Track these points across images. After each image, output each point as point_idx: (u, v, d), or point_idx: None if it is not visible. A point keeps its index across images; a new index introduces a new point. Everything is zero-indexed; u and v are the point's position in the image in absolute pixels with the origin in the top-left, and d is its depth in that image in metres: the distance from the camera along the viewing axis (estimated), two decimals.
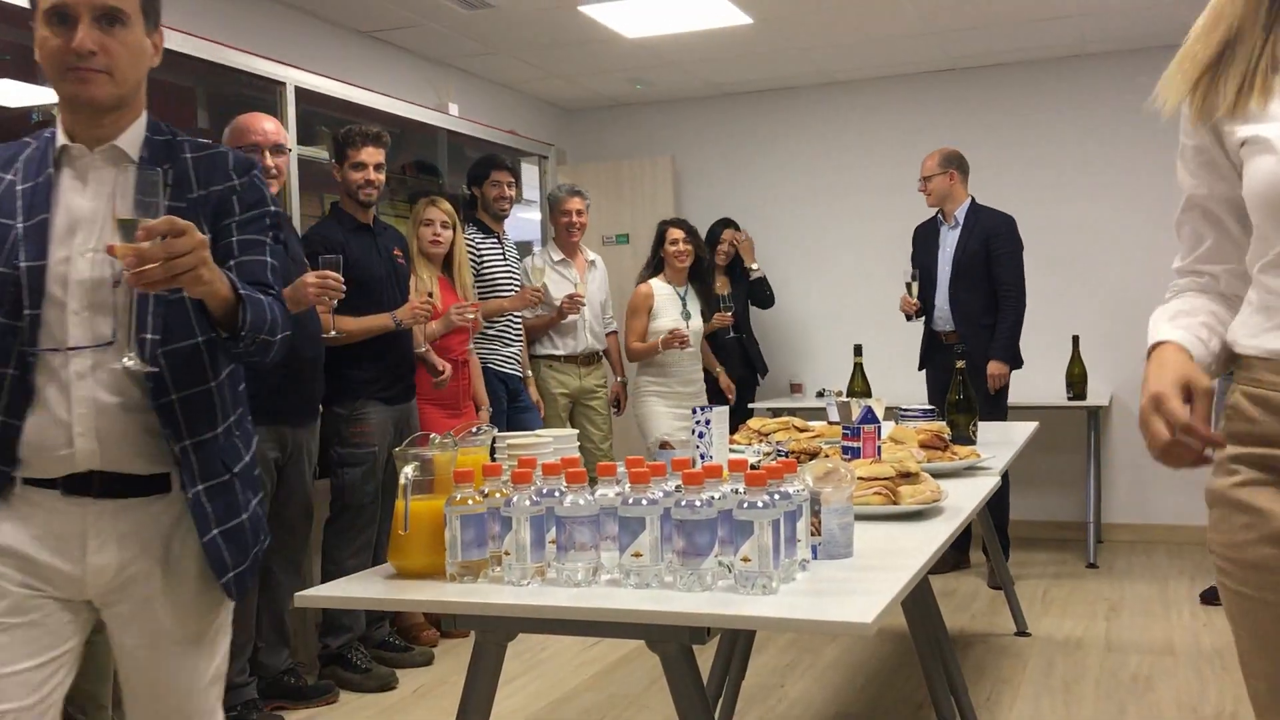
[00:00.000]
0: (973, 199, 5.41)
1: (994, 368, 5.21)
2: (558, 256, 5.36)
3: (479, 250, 4.92)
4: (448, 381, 4.32)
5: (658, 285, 5.26)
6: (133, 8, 1.74)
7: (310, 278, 3.42)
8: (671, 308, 5.22)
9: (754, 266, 6.29)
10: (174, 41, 3.90)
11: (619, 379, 5.64)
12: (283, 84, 4.44)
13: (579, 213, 5.36)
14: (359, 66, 5.33)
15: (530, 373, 5.18)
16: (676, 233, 5.28)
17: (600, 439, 5.34)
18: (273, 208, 1.87)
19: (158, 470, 1.76)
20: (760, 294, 6.31)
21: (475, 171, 5.09)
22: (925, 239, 5.52)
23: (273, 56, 4.48)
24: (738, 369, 6.05)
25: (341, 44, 5.29)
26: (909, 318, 5.47)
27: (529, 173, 6.51)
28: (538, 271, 4.97)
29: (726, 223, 6.23)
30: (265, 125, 3.66)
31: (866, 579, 1.77)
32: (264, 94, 4.42)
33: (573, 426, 5.31)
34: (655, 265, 5.34)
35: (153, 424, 1.74)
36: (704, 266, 5.38)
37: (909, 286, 5.32)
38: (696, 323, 5.26)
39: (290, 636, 3.84)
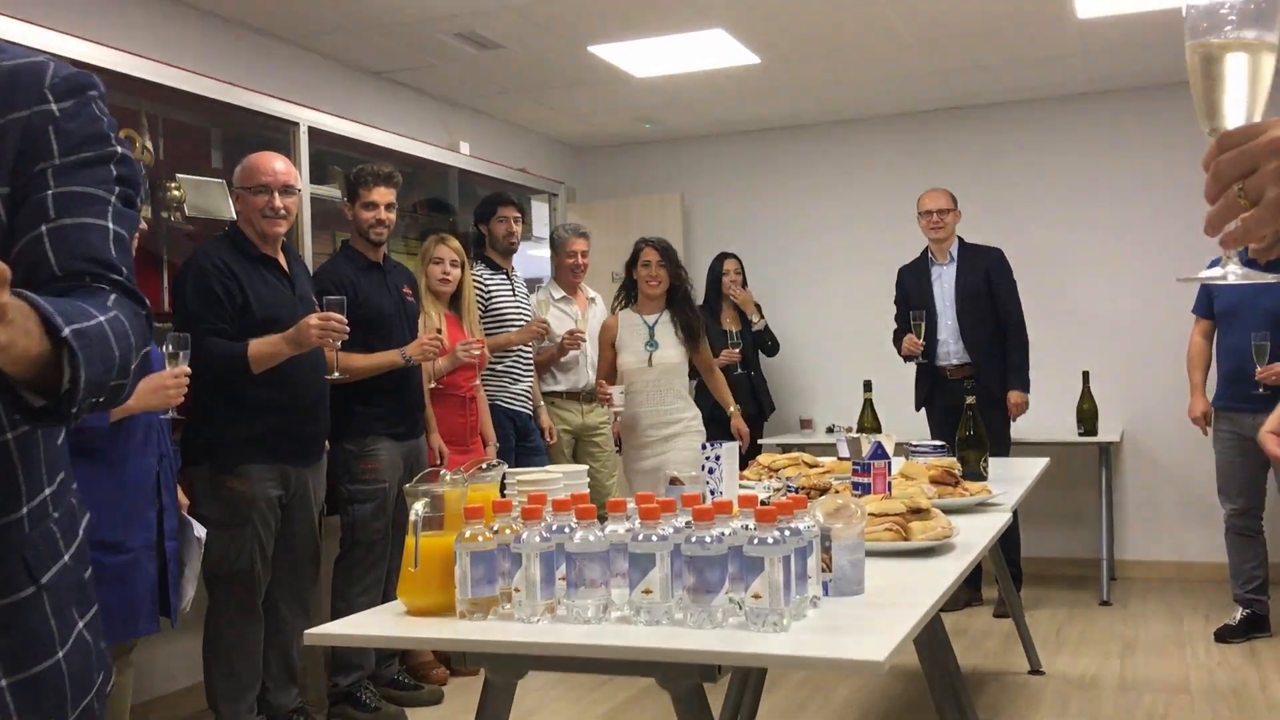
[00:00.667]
0: (960, 237, 5.49)
1: (1016, 397, 5.27)
2: (559, 294, 5.42)
3: (487, 286, 4.95)
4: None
5: (623, 316, 4.79)
6: None
7: (313, 319, 3.42)
8: (634, 339, 4.72)
9: (755, 320, 6.26)
10: (189, 83, 3.95)
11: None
12: (296, 124, 4.48)
13: (583, 254, 5.42)
14: (372, 106, 5.39)
15: (542, 404, 5.19)
16: (650, 253, 4.72)
17: (605, 476, 5.34)
18: (119, 149, 1.21)
19: None
20: (765, 344, 6.29)
21: (482, 209, 5.13)
22: (916, 279, 5.54)
23: (287, 97, 4.53)
24: (746, 405, 6.04)
25: (355, 85, 5.35)
26: (912, 359, 5.44)
27: (539, 210, 6.55)
28: (542, 305, 5.01)
29: (726, 255, 6.25)
30: (275, 165, 3.67)
31: (878, 616, 1.76)
32: (278, 134, 4.46)
33: (576, 463, 5.31)
34: (629, 289, 4.83)
35: None
36: (680, 294, 4.77)
37: (917, 327, 5.29)
38: (666, 354, 4.69)
39: (299, 674, 3.83)
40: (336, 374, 3.65)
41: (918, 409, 5.55)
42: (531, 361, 5.09)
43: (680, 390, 4.78)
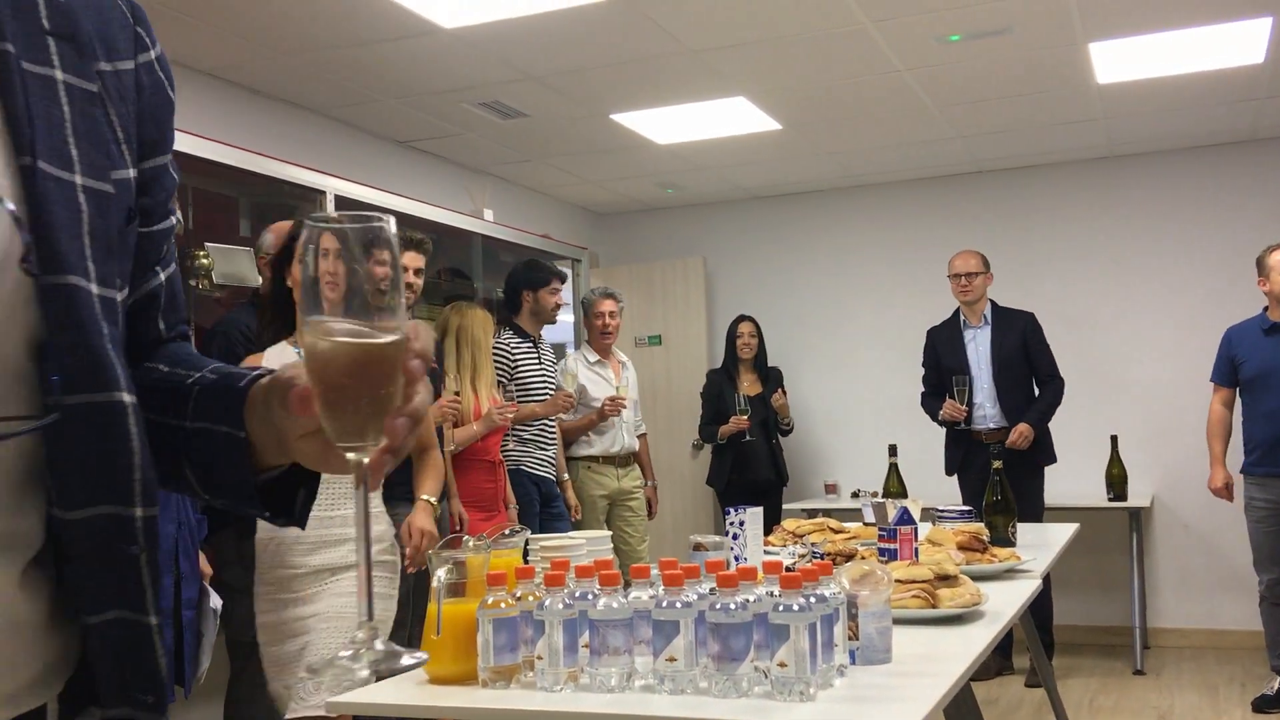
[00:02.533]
0: (991, 299, 5.47)
1: (1021, 428, 5.18)
2: (593, 358, 5.42)
3: (513, 355, 4.96)
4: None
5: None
6: None
7: None
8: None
9: (785, 422, 6.20)
10: (217, 152, 4.03)
11: (650, 483, 5.63)
12: (323, 192, 4.55)
13: (612, 314, 5.42)
14: (396, 174, 5.46)
15: (567, 476, 5.17)
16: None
17: (636, 541, 5.31)
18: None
19: (34, 704, 0.75)
20: (780, 424, 6.20)
21: (531, 277, 5.04)
22: (949, 340, 5.50)
23: (313, 166, 4.60)
24: (766, 473, 6.00)
25: (380, 153, 5.43)
26: (954, 425, 5.37)
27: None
28: (570, 376, 5.00)
29: (742, 319, 6.26)
30: None
31: (906, 685, 1.72)
32: (304, 202, 4.53)
33: (610, 528, 5.29)
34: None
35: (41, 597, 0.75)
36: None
37: (960, 393, 5.24)
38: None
39: None
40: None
41: (949, 474, 5.49)
42: (557, 429, 5.08)
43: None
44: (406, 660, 0.75)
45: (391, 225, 0.72)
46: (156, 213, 0.86)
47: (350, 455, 0.73)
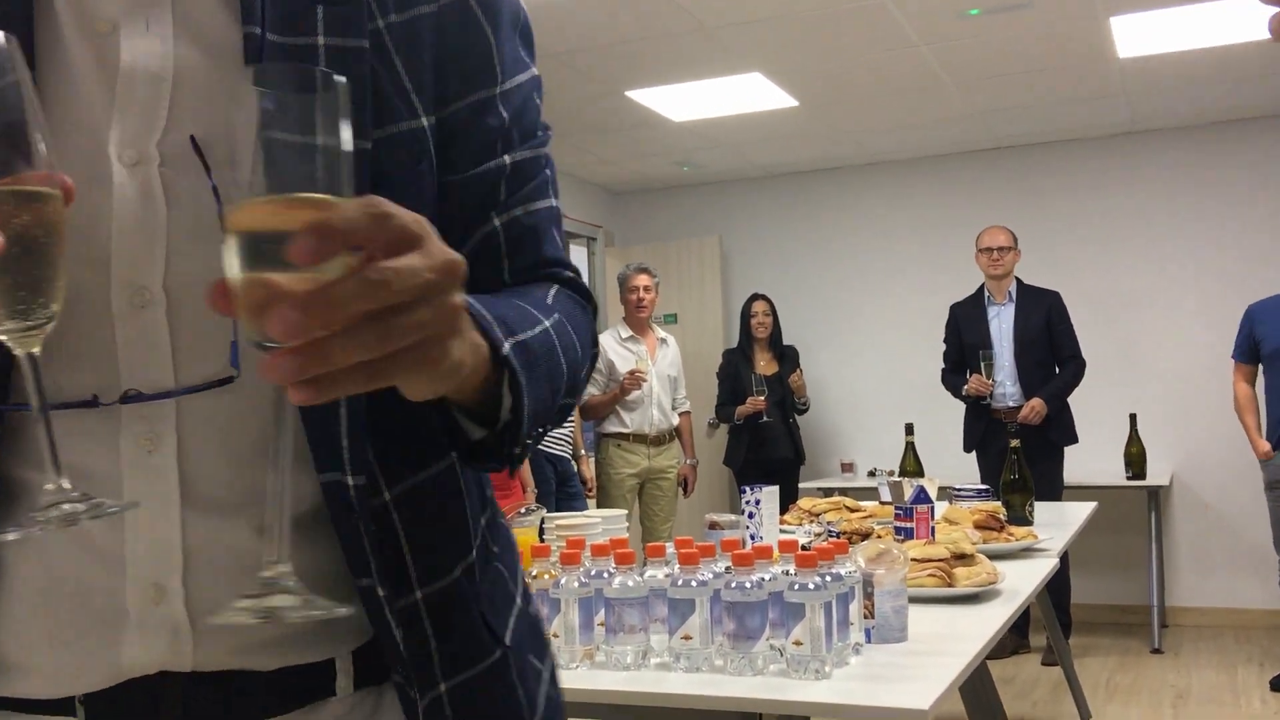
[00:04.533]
0: (1017, 277, 5.42)
1: (1034, 403, 5.14)
2: (625, 334, 5.43)
3: None
4: None
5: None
6: None
7: None
8: None
9: (801, 401, 6.17)
10: None
11: (689, 461, 5.62)
12: None
13: (646, 289, 5.44)
14: None
15: (583, 452, 5.18)
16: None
17: (660, 521, 5.32)
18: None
19: (318, 656, 0.77)
20: (795, 403, 6.18)
21: None
22: (972, 317, 5.46)
23: None
24: (785, 452, 6.00)
25: None
26: (979, 400, 5.33)
27: (577, 254, 6.60)
28: None
29: (756, 297, 6.23)
30: None
31: (922, 664, 1.72)
32: None
33: (639, 506, 5.32)
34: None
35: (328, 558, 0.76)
36: None
37: (987, 368, 5.21)
38: None
39: None
40: None
41: (967, 451, 5.47)
42: (574, 411, 5.08)
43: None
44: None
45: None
46: (466, 159, 0.81)
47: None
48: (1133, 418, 5.77)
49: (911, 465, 4.12)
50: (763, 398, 5.74)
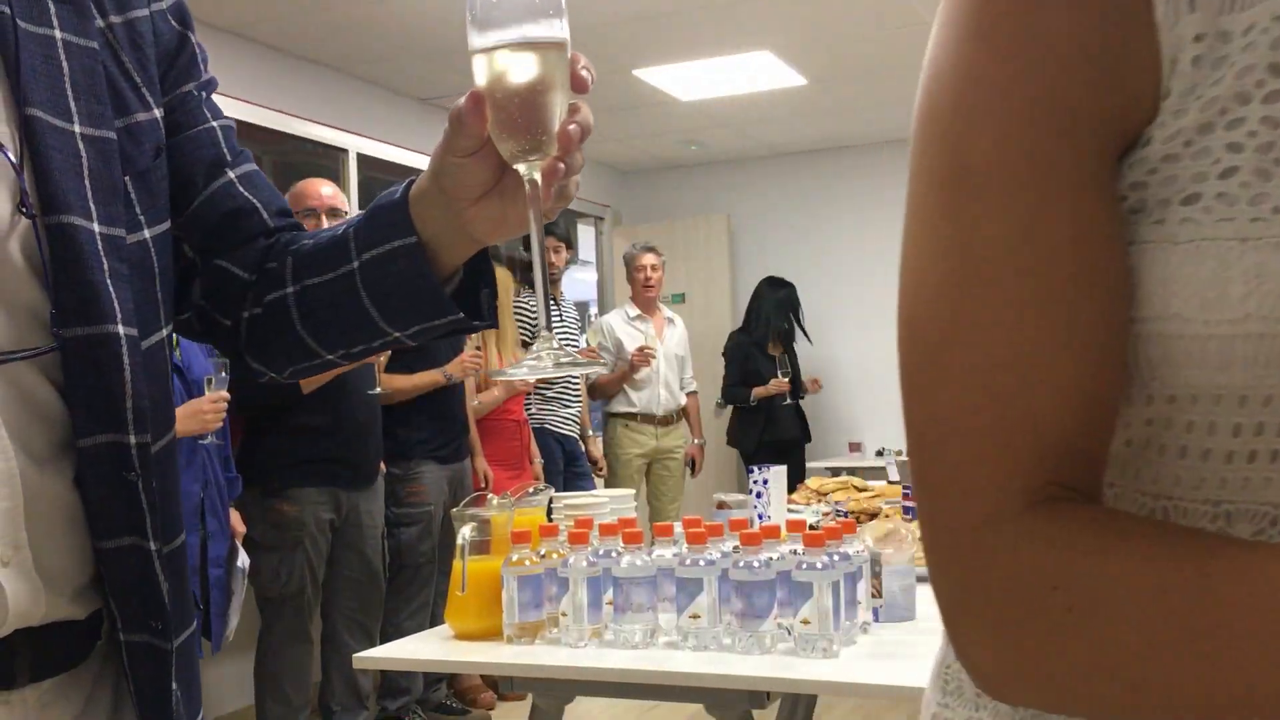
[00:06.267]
0: None
1: None
2: (633, 313, 5.42)
3: (534, 315, 4.96)
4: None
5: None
6: None
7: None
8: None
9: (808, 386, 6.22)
10: (240, 111, 4.03)
11: (697, 440, 5.63)
12: (345, 150, 4.55)
13: (653, 268, 5.43)
14: (418, 132, 5.45)
15: (591, 432, 5.19)
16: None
17: (667, 501, 5.33)
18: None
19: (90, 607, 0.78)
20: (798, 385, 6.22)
21: (525, 237, 5.13)
22: None
23: (336, 124, 4.60)
24: (794, 433, 6.01)
25: (401, 111, 5.41)
26: None
27: (585, 234, 6.58)
28: (594, 332, 5.00)
29: (777, 282, 6.22)
30: (322, 189, 3.72)
31: (930, 643, 1.72)
32: (328, 160, 4.53)
33: (647, 487, 5.33)
34: None
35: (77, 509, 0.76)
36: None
37: None
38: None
39: (366, 698, 3.83)
40: (379, 389, 3.67)
41: None
42: (580, 386, 5.09)
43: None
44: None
45: None
46: (187, 124, 0.89)
47: (523, 168, 0.76)
48: None
49: None
50: (787, 379, 5.75)
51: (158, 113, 0.84)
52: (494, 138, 0.75)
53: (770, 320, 6.10)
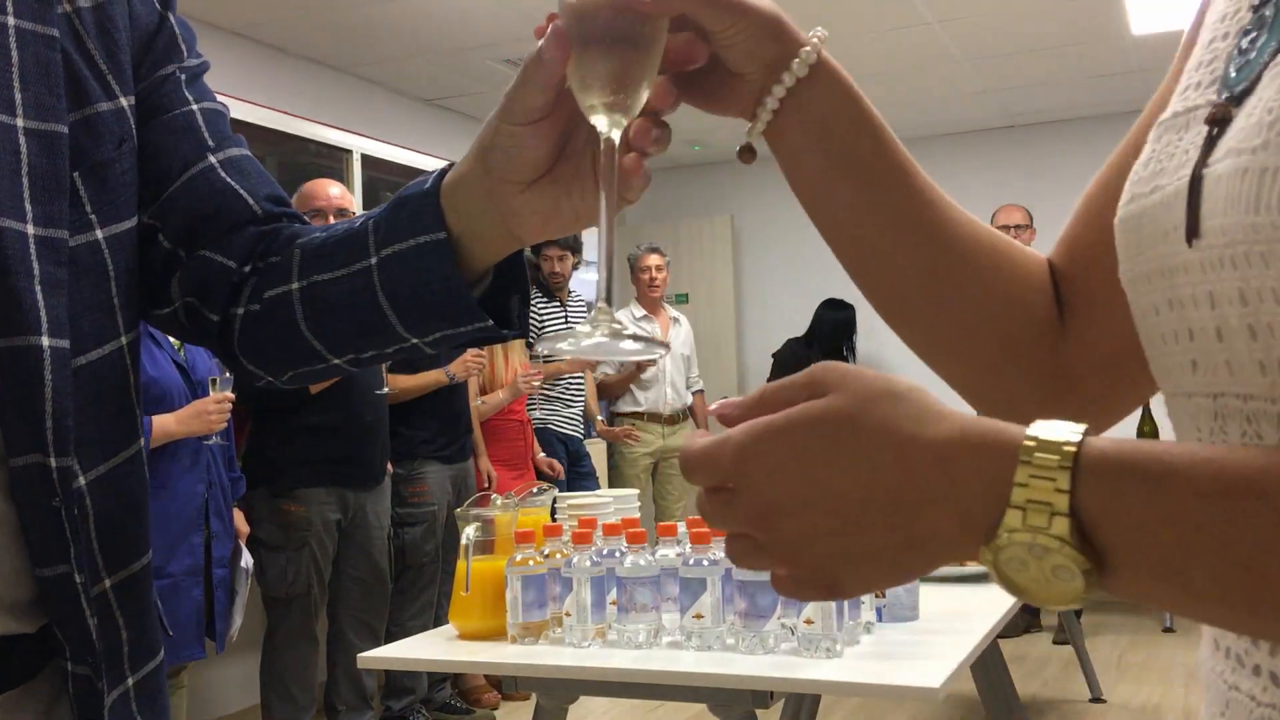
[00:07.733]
0: None
1: None
2: (639, 313, 5.44)
3: (540, 315, 4.96)
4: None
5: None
6: None
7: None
8: None
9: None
10: (244, 112, 4.03)
11: None
12: (349, 151, 4.56)
13: (657, 269, 5.46)
14: (423, 133, 5.45)
15: (595, 431, 5.20)
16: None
17: (673, 501, 5.34)
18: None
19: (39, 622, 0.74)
20: None
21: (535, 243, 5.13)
22: None
23: (340, 125, 4.60)
24: None
25: (405, 112, 5.42)
26: None
27: (589, 233, 6.58)
28: None
29: (836, 303, 6.36)
30: (330, 190, 3.72)
31: (933, 642, 1.73)
32: (332, 161, 4.54)
33: (653, 486, 5.34)
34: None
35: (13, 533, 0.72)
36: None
37: None
38: None
39: (371, 697, 3.84)
40: (387, 389, 3.69)
41: None
42: (584, 388, 5.09)
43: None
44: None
45: None
46: (165, 107, 0.83)
47: (603, 122, 0.65)
48: None
49: None
50: None
51: (125, 101, 0.78)
52: (574, 85, 0.63)
53: (829, 338, 6.24)
